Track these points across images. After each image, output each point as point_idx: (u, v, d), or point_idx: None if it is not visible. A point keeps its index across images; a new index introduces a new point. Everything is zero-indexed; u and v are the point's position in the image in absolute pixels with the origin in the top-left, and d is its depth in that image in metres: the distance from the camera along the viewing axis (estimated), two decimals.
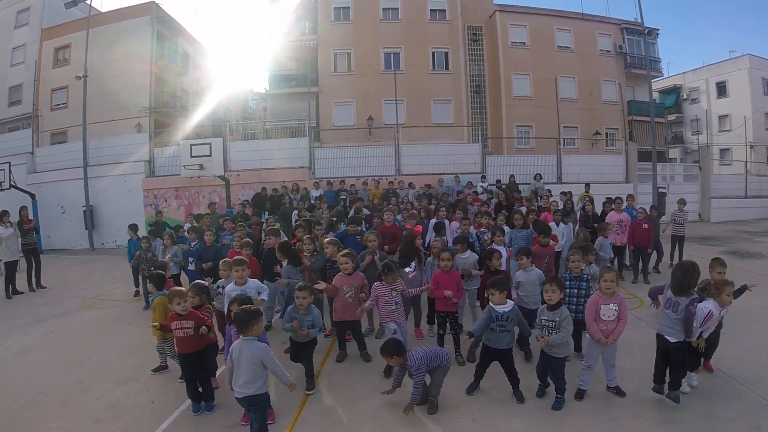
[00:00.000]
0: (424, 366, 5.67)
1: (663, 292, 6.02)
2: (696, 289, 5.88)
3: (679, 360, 5.73)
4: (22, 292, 13.45)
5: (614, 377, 6.15)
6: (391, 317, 6.97)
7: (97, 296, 12.80)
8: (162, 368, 7.26)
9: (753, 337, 7.90)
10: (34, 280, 14.02)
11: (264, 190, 19.42)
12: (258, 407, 5.04)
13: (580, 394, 6.07)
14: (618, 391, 6.10)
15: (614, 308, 5.90)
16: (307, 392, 6.48)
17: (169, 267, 8.32)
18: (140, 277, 11.86)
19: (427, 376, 5.86)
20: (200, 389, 6.08)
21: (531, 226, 10.60)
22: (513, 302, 6.20)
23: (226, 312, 6.30)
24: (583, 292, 6.96)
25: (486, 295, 6.42)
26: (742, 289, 6.62)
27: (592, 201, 14.12)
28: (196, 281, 6.75)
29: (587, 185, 18.62)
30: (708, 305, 5.90)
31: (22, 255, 13.99)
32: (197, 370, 5.99)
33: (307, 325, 6.33)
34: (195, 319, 5.83)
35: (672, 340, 5.70)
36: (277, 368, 5.00)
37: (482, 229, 10.28)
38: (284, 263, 8.19)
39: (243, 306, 5.25)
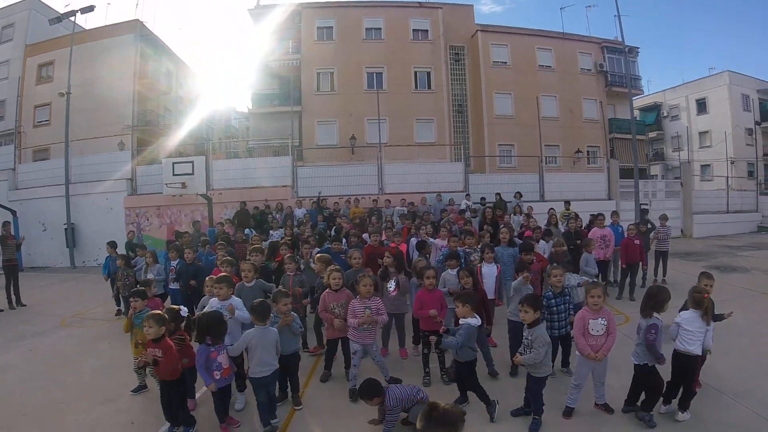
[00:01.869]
0: (399, 408, 5.60)
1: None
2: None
3: (649, 383, 5.73)
4: (2, 310, 13.24)
5: (603, 394, 6.12)
6: (358, 337, 6.86)
7: (76, 315, 12.59)
8: (141, 388, 7.13)
9: (739, 351, 7.94)
10: (13, 297, 13.80)
11: (244, 204, 19.40)
12: (274, 380, 5.98)
13: (568, 412, 6.03)
14: (606, 408, 6.08)
15: (603, 323, 5.89)
16: (295, 408, 6.46)
17: (152, 285, 8.17)
18: (121, 297, 11.76)
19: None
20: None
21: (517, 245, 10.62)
22: (477, 319, 6.11)
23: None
24: (569, 305, 6.98)
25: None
26: (720, 317, 6.60)
27: (576, 217, 14.21)
28: (167, 307, 6.58)
29: (567, 203, 18.67)
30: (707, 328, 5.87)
31: (1, 272, 13.82)
32: (173, 395, 5.80)
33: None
34: (165, 348, 5.62)
35: (634, 361, 5.77)
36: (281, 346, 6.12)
37: (467, 249, 10.18)
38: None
39: (260, 300, 6.22)
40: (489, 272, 8.48)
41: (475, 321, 6.04)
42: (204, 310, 6.67)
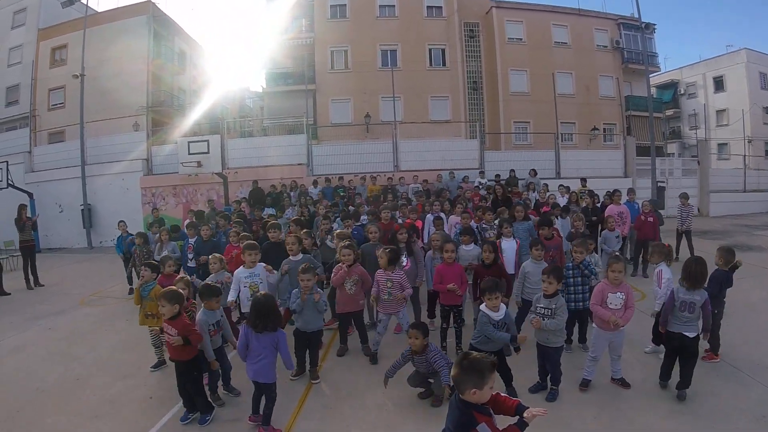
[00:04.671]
0: (443, 359, 5.65)
1: (672, 299, 5.85)
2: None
3: (695, 354, 5.69)
4: (9, 294, 13.18)
5: (619, 369, 6.13)
6: (383, 307, 7.04)
7: (94, 293, 12.74)
8: (160, 364, 7.18)
9: (756, 329, 7.90)
10: (31, 278, 13.95)
11: (256, 183, 19.51)
12: None
13: (585, 384, 6.06)
14: (623, 383, 6.08)
15: (621, 296, 5.86)
16: (313, 381, 6.52)
17: (169, 262, 8.18)
18: (134, 275, 11.86)
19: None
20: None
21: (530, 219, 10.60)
22: (505, 306, 5.92)
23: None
24: (586, 278, 6.93)
25: (480, 295, 6.22)
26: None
27: (591, 195, 14.12)
28: (183, 275, 6.40)
29: (583, 180, 18.49)
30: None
31: (19, 254, 13.99)
32: (186, 380, 5.59)
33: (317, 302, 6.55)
34: (180, 329, 5.37)
35: (691, 335, 5.63)
36: None
37: (484, 225, 10.20)
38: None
39: (204, 282, 6.53)
40: (509, 247, 8.48)
41: (497, 315, 5.80)
42: (236, 282, 7.00)
